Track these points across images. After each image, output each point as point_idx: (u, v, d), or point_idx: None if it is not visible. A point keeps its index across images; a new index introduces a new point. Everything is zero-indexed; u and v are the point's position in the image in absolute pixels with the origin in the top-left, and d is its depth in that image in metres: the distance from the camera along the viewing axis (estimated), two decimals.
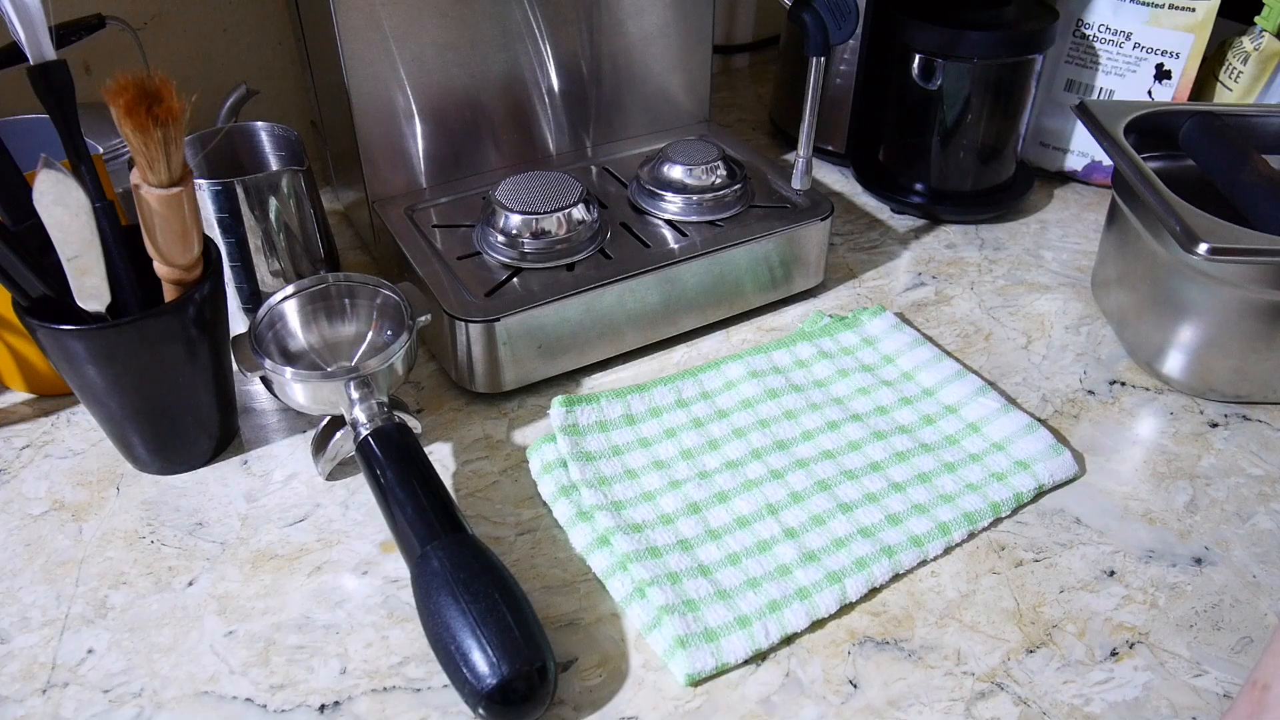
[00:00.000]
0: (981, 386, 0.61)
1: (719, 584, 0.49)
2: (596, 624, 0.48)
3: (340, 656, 0.47)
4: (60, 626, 0.48)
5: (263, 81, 0.79)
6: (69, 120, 0.49)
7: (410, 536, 0.46)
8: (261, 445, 0.59)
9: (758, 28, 1.09)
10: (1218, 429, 0.61)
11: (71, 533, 0.53)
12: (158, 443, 0.55)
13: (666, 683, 0.46)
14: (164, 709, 0.44)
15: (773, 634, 0.47)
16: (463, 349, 0.60)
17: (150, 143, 0.47)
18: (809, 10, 0.64)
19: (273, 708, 0.44)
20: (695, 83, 0.81)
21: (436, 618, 0.43)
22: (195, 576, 0.51)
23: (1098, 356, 0.67)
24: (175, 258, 0.50)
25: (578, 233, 0.64)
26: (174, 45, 0.76)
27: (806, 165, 0.70)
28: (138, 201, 0.49)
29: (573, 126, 0.77)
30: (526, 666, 0.41)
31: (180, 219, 0.49)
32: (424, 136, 0.71)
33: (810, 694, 0.45)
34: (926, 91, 0.78)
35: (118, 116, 0.46)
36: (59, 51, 0.48)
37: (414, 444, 0.51)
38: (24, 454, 0.58)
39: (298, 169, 0.63)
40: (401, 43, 0.66)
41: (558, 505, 0.53)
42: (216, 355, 0.55)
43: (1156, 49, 0.80)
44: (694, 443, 0.58)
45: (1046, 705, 0.44)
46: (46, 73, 0.48)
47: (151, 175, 0.48)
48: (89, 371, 0.50)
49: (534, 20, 0.70)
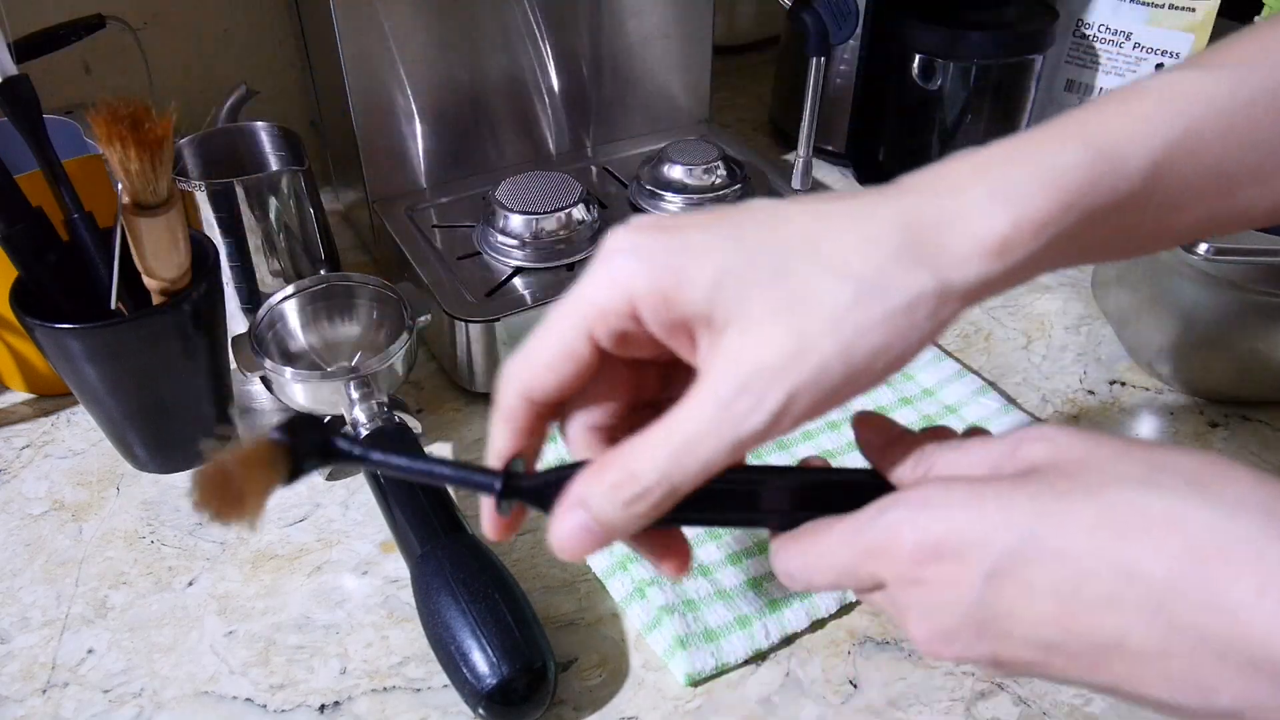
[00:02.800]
0: (981, 386, 0.61)
1: (719, 584, 0.49)
2: (596, 624, 0.48)
3: (340, 656, 0.47)
4: (60, 626, 0.48)
5: (263, 82, 0.79)
6: (38, 133, 0.49)
7: (410, 536, 0.46)
8: None
9: (758, 28, 1.09)
10: (1218, 429, 0.61)
11: (71, 533, 0.53)
12: (156, 441, 0.55)
13: (666, 683, 0.46)
14: (164, 709, 0.44)
15: (773, 634, 0.47)
16: (463, 349, 0.60)
17: (142, 168, 0.46)
18: (809, 10, 0.64)
19: (273, 708, 0.44)
20: (695, 83, 0.80)
21: (436, 618, 0.43)
22: (195, 576, 0.51)
23: (1098, 357, 0.67)
24: (162, 273, 0.50)
25: (578, 233, 0.64)
26: (174, 45, 0.76)
27: (806, 165, 0.70)
28: (126, 222, 0.48)
29: (573, 126, 0.77)
30: (526, 666, 0.41)
31: (169, 238, 0.49)
32: (424, 136, 0.71)
33: (810, 694, 0.45)
34: (926, 92, 0.78)
35: (102, 143, 0.46)
36: (59, 52, 0.48)
37: (414, 444, 0.51)
38: (24, 454, 0.58)
39: (297, 169, 0.63)
40: (401, 42, 0.66)
41: None
42: (214, 354, 0.55)
43: (1157, 49, 0.79)
44: None
45: (1046, 705, 0.44)
46: (11, 88, 0.47)
47: (140, 198, 0.48)
48: (87, 370, 0.50)
49: (534, 20, 0.70)
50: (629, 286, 0.28)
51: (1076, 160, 0.27)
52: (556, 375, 0.30)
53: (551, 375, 0.30)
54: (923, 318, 0.26)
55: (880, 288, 0.26)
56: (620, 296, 0.28)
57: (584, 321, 0.29)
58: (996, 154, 0.28)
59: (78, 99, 0.58)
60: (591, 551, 0.29)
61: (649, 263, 0.28)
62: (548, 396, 0.31)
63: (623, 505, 0.28)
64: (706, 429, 0.27)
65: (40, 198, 0.50)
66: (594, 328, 0.29)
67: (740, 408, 0.26)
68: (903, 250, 0.27)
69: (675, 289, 0.27)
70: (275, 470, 0.28)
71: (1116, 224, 0.28)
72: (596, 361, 0.30)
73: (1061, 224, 0.27)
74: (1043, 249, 0.27)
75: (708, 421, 0.27)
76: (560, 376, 0.30)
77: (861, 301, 0.26)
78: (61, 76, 0.71)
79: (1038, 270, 0.28)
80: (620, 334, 0.29)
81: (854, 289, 0.26)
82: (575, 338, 0.29)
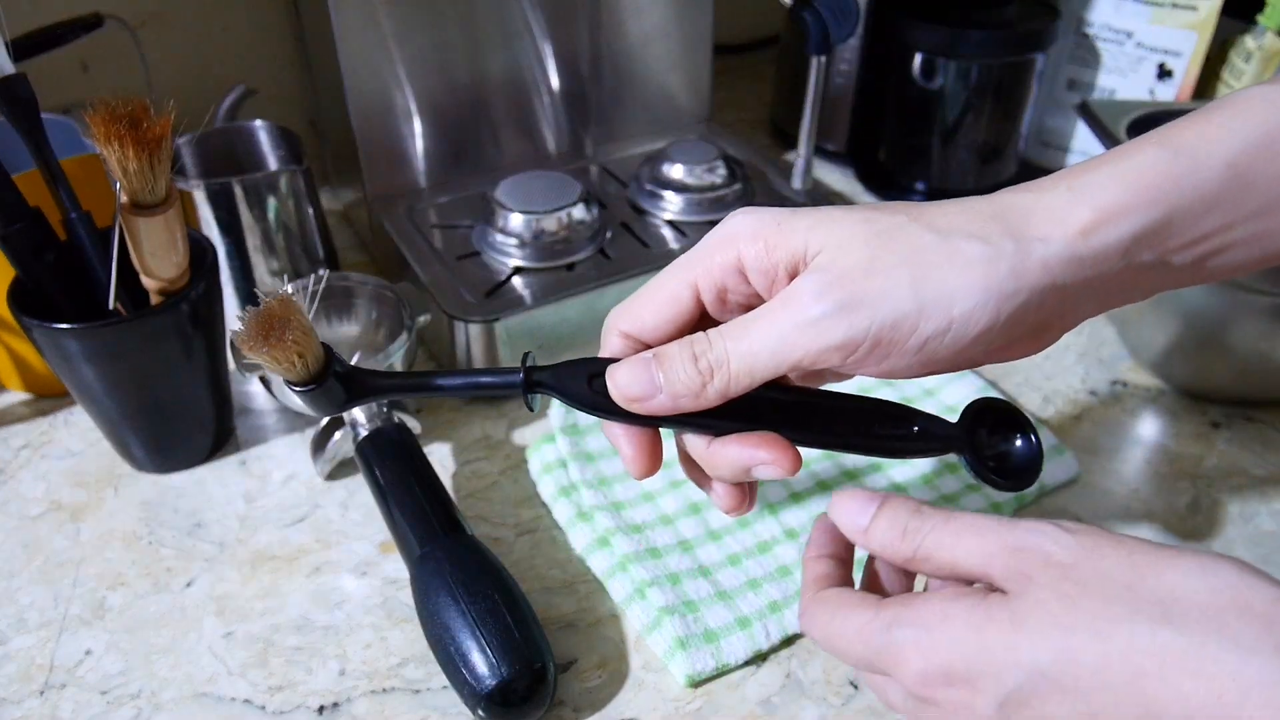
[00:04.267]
0: (983, 386, 0.61)
1: (719, 584, 0.49)
2: (596, 625, 0.48)
3: (339, 658, 0.46)
4: (58, 628, 0.48)
5: (261, 80, 0.79)
6: (35, 132, 0.48)
7: (410, 537, 0.46)
8: (260, 445, 0.58)
9: (757, 28, 1.09)
10: (1220, 429, 0.60)
11: (69, 533, 0.53)
12: (154, 441, 0.55)
13: (667, 684, 0.45)
14: (162, 710, 0.44)
15: (773, 635, 0.47)
16: (462, 349, 0.60)
17: (140, 168, 0.46)
18: (809, 10, 0.64)
19: (271, 709, 0.44)
20: (695, 83, 0.80)
21: (436, 619, 0.43)
22: (194, 577, 0.50)
23: (1099, 357, 0.66)
24: (160, 273, 0.50)
25: (578, 233, 0.64)
26: (172, 44, 0.76)
27: (807, 164, 0.70)
28: (125, 222, 0.48)
29: (573, 126, 0.77)
30: (526, 667, 0.41)
31: (167, 238, 0.49)
32: (423, 136, 0.70)
33: (811, 695, 0.45)
34: (927, 91, 0.78)
35: (100, 143, 0.46)
36: (57, 50, 0.48)
37: (413, 444, 0.51)
38: (21, 454, 0.58)
39: (296, 169, 0.62)
40: (400, 41, 0.66)
41: (557, 506, 0.53)
42: (213, 354, 0.55)
43: (1159, 48, 0.79)
44: None
45: None
46: (8, 87, 0.47)
47: (139, 198, 0.48)
48: (85, 370, 0.50)
49: (534, 20, 0.70)
50: (737, 236, 0.32)
51: (1155, 159, 0.29)
52: (656, 317, 0.33)
53: (651, 315, 0.33)
54: (1003, 272, 0.28)
55: (967, 236, 0.29)
56: (729, 246, 0.32)
57: (690, 273, 0.33)
58: (1080, 165, 0.31)
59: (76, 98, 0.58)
60: (638, 401, 0.32)
61: (756, 216, 0.32)
62: (643, 334, 0.34)
63: (696, 374, 0.31)
64: (792, 331, 0.29)
65: (38, 197, 0.50)
66: (699, 279, 0.33)
67: (825, 321, 0.29)
68: (993, 220, 0.29)
69: (776, 233, 0.31)
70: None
71: (1209, 227, 0.29)
72: (694, 314, 0.33)
73: (1146, 217, 0.29)
74: (1130, 241, 0.29)
75: (794, 326, 0.29)
76: (659, 318, 0.33)
77: (946, 244, 0.29)
78: (59, 75, 0.71)
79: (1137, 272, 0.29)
80: (721, 288, 0.33)
81: (941, 235, 0.29)
82: (680, 286, 0.33)
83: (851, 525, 0.32)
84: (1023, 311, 0.29)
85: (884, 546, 0.31)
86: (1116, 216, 0.29)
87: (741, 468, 0.33)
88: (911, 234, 0.29)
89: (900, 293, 0.28)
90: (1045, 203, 0.29)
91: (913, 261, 0.29)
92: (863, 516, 0.31)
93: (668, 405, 0.32)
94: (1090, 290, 0.29)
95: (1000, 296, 0.28)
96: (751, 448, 0.32)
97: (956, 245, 0.29)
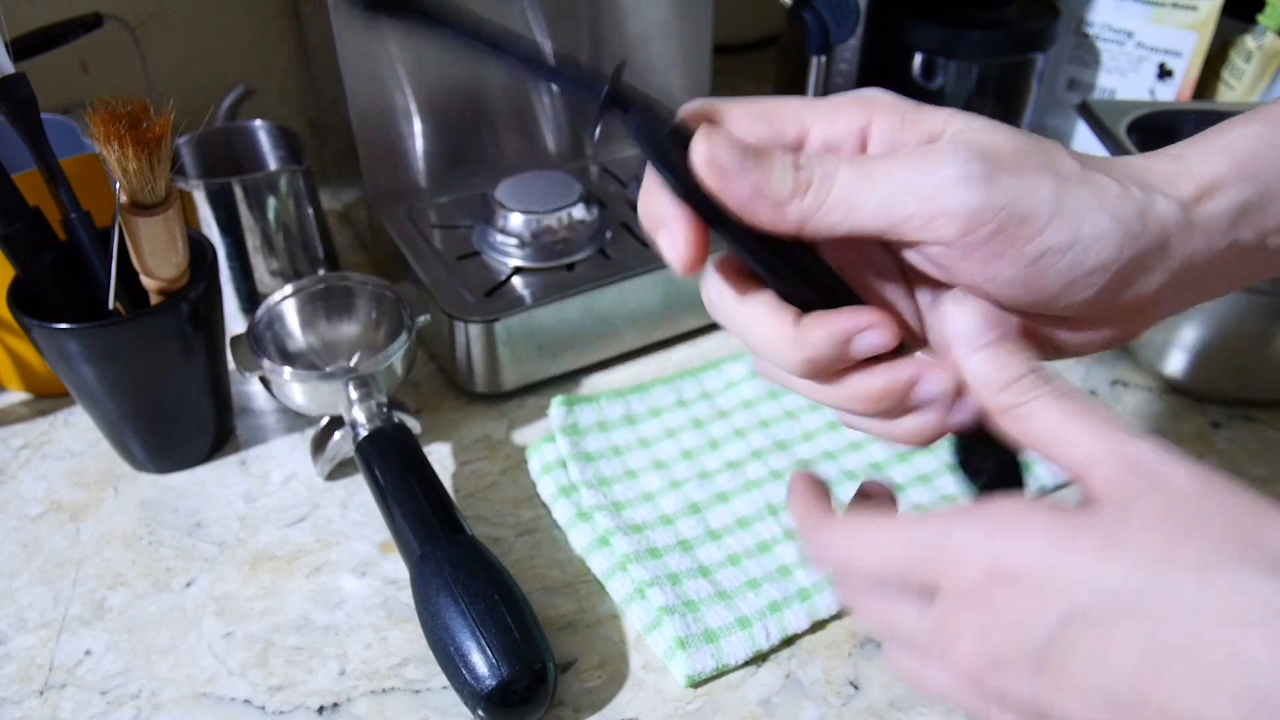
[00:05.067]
0: None
1: (719, 585, 0.49)
2: (596, 625, 0.48)
3: (339, 658, 0.46)
4: (58, 628, 0.48)
5: (261, 80, 0.79)
6: (35, 132, 0.48)
7: (409, 537, 0.46)
8: (260, 445, 0.58)
9: (757, 28, 1.09)
10: (1220, 429, 0.60)
11: (69, 533, 0.53)
12: (154, 441, 0.55)
13: (667, 684, 0.45)
14: (162, 710, 0.44)
15: (773, 635, 0.46)
16: (462, 349, 0.60)
17: (140, 168, 0.46)
18: (809, 10, 0.64)
19: (271, 709, 0.44)
20: (695, 83, 0.80)
21: (436, 619, 0.43)
22: (193, 577, 0.50)
23: (1099, 356, 0.66)
24: (160, 273, 0.50)
25: (578, 233, 0.64)
26: (172, 44, 0.76)
27: None
28: (124, 222, 0.48)
29: (573, 126, 0.77)
30: (526, 668, 0.41)
31: (167, 238, 0.49)
32: (423, 136, 0.70)
33: (811, 695, 0.45)
34: (927, 91, 0.78)
35: (99, 142, 0.46)
36: (56, 50, 0.48)
37: (413, 444, 0.51)
38: (21, 454, 0.58)
39: (296, 169, 0.62)
40: (400, 41, 0.66)
41: (557, 506, 0.53)
42: (212, 353, 0.55)
43: (1159, 48, 0.79)
44: (694, 443, 0.57)
45: None
46: (8, 87, 0.47)
47: (138, 198, 0.48)
48: (85, 370, 0.50)
49: (534, 19, 0.70)
50: (875, 103, 0.30)
51: (1249, 132, 0.29)
52: (748, 130, 0.30)
53: (744, 121, 0.30)
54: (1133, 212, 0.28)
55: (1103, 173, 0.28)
56: (862, 109, 0.30)
57: (809, 116, 0.30)
58: (1191, 138, 0.31)
59: (75, 98, 0.58)
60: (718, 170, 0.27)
61: (893, 94, 0.30)
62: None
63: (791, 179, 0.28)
64: (917, 180, 0.27)
65: (38, 197, 0.50)
66: (815, 125, 0.30)
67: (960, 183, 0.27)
68: (1122, 169, 0.29)
69: (915, 112, 0.30)
70: None
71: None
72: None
73: (1242, 192, 0.29)
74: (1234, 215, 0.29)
75: (921, 175, 0.27)
76: (752, 134, 0.30)
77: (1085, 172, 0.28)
78: (59, 75, 0.71)
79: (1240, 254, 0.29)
80: (834, 147, 0.30)
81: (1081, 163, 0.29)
82: (791, 118, 0.30)
83: (966, 331, 0.29)
84: (1139, 261, 0.28)
85: (988, 376, 0.28)
86: (1215, 190, 0.28)
87: (839, 338, 0.29)
88: (1057, 154, 0.28)
89: (1042, 192, 0.27)
90: (1156, 169, 0.29)
91: (1056, 172, 0.28)
92: (986, 334, 0.29)
93: (743, 195, 0.27)
94: (1194, 269, 0.29)
95: (1126, 233, 0.28)
96: (850, 313, 0.29)
97: (1094, 176, 0.28)
